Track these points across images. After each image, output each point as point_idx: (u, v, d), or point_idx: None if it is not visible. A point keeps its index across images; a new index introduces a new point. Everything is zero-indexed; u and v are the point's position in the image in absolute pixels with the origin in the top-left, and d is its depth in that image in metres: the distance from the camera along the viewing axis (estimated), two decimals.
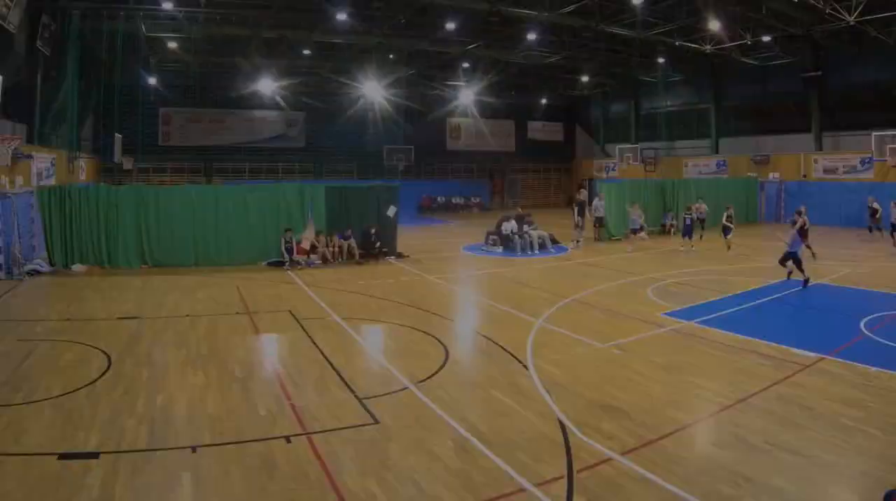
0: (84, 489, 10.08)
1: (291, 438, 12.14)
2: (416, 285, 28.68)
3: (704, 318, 21.28)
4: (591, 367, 16.49)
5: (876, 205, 39.83)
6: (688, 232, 38.12)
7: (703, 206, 40.10)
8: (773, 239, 33.31)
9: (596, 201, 42.80)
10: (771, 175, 58.60)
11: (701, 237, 39.95)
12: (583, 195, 43.02)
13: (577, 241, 40.45)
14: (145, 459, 11.22)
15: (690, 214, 38.66)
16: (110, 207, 32.19)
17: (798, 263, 26.25)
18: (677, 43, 52.21)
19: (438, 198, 76.06)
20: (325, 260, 33.92)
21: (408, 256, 36.47)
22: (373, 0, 46.23)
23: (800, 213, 29.58)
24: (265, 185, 37.11)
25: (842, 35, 48.78)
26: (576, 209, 42.12)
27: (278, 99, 67.71)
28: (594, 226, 42.74)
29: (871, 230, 40.35)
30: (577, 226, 41.25)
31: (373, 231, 35.36)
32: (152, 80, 60.74)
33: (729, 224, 36.51)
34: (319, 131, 72.69)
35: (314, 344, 18.80)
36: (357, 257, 34.68)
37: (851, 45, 50.53)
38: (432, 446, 11.85)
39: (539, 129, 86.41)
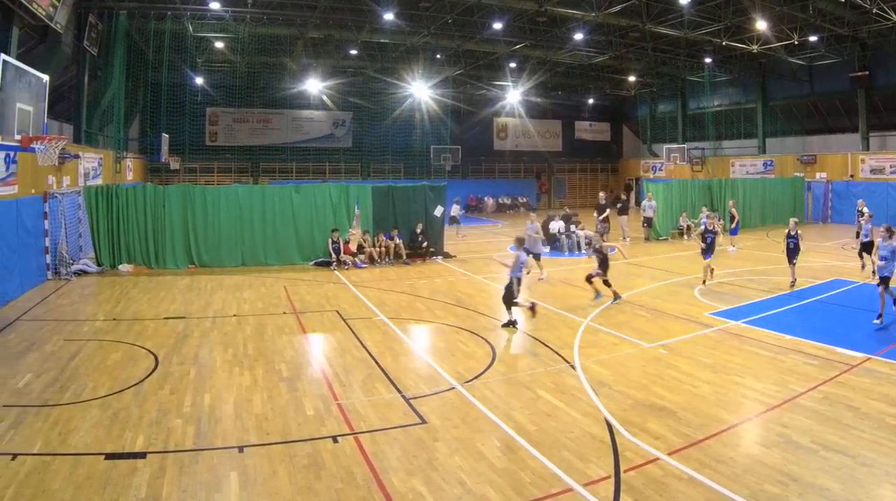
0: (131, 488, 10.26)
1: (338, 438, 12.30)
2: (463, 285, 28.84)
3: (751, 318, 21.24)
4: (638, 367, 16.55)
5: (866, 210, 37.79)
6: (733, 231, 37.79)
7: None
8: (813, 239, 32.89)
9: (644, 202, 42.58)
10: (818, 175, 58.02)
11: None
12: (601, 198, 42.06)
13: (626, 238, 40.29)
14: (192, 459, 11.39)
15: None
16: (157, 207, 32.55)
17: (510, 299, 21.21)
18: (724, 42, 51.90)
19: (485, 198, 75.85)
20: (371, 260, 34.09)
21: (454, 256, 36.63)
22: (420, 0, 46.34)
23: (599, 240, 26.20)
24: (311, 185, 37.06)
25: (889, 35, 48.33)
26: (595, 213, 41.64)
27: (325, 99, 68.15)
28: (642, 226, 42.50)
29: (858, 236, 38.08)
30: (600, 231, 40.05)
31: (419, 230, 35.46)
32: (199, 80, 61.10)
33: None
34: (366, 131, 72.92)
35: (361, 343, 18.97)
36: (404, 257, 34.91)
37: None
38: (479, 446, 11.95)
39: (586, 129, 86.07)
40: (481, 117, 77.27)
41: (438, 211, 36.76)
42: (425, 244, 35.63)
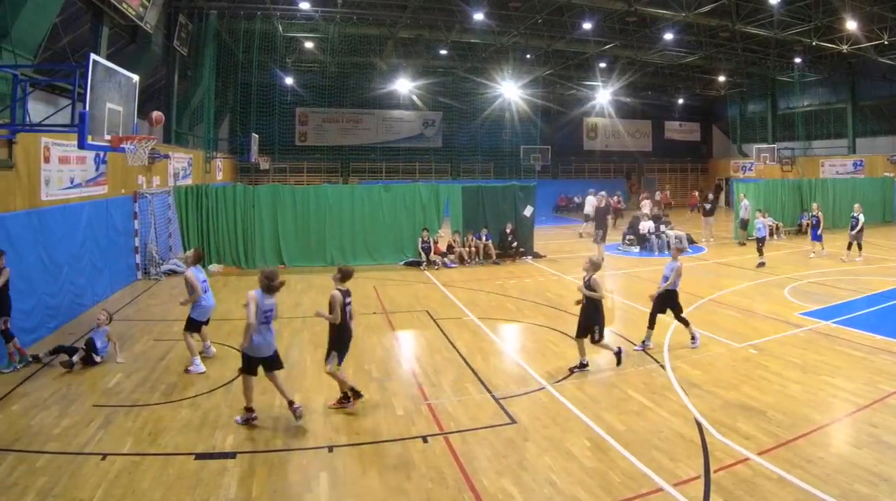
0: (221, 488, 10.52)
1: (428, 438, 12.46)
2: (553, 285, 28.78)
3: (841, 318, 21.03)
4: (728, 367, 16.54)
5: (861, 217, 34.20)
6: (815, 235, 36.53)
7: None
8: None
9: (743, 203, 41.92)
10: None
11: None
12: (600, 201, 40.00)
13: (709, 239, 37.86)
14: (281, 459, 11.64)
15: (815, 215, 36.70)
16: (247, 207, 32.92)
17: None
18: (814, 42, 51.15)
19: (575, 198, 75.34)
20: (461, 260, 34.21)
21: (544, 256, 36.63)
22: (510, 0, 46.36)
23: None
24: (400, 185, 37.16)
25: None
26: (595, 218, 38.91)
27: (415, 99, 68.39)
28: (740, 228, 42.00)
29: (850, 247, 34.70)
30: (596, 239, 36.99)
31: (509, 230, 35.55)
32: (289, 80, 61.72)
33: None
34: (456, 131, 73.12)
35: (451, 343, 19.15)
36: (493, 257, 34.98)
37: None
38: (569, 445, 12.04)
39: (676, 129, 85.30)
40: (571, 117, 77.05)
41: (528, 210, 36.68)
42: (515, 244, 35.65)
